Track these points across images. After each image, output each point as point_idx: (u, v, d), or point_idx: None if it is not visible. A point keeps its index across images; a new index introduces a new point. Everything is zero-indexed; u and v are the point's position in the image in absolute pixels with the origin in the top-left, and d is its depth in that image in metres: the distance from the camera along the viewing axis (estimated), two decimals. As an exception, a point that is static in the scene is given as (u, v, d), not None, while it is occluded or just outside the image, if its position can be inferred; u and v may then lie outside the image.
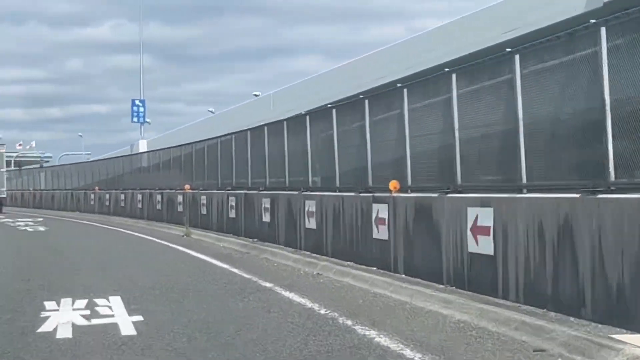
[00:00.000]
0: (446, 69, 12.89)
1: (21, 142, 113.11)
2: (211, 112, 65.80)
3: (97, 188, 46.14)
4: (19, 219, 42.26)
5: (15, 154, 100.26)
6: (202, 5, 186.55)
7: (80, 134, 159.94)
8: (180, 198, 31.53)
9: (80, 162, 54.45)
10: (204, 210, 28.61)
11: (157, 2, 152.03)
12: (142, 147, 58.08)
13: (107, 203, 43.82)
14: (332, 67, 44.20)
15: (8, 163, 64.18)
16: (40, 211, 53.18)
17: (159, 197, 34.62)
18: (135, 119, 63.58)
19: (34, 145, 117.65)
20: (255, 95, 56.89)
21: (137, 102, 63.30)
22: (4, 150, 49.95)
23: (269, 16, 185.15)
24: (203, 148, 29.76)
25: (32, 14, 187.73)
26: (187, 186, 30.73)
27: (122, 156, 46.68)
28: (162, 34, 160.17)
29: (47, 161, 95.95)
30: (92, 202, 46.68)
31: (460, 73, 12.42)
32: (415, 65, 34.08)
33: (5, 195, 49.92)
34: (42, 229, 33.56)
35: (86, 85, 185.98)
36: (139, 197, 37.74)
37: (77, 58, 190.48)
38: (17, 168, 72.81)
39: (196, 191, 29.88)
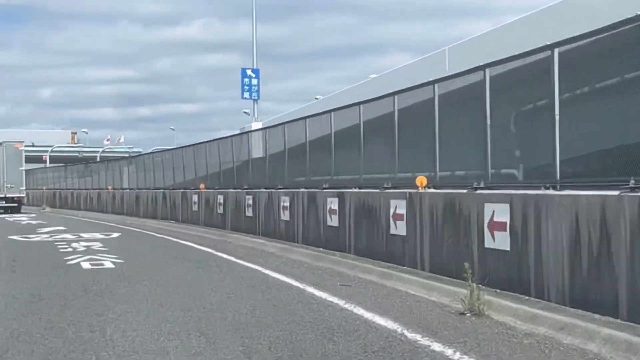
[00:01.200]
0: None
1: (109, 137, 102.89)
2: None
3: (202, 186, 30.04)
4: (82, 234, 26.74)
5: (101, 149, 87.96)
6: (292, 4, 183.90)
7: (172, 127, 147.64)
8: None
9: (176, 147, 38.48)
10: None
11: (248, 1, 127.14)
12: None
13: (221, 209, 27.75)
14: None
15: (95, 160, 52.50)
16: (120, 219, 37.79)
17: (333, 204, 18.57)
18: (246, 94, 47.50)
19: (122, 140, 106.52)
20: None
21: (248, 72, 47.21)
22: (22, 148, 46.46)
23: (357, 14, 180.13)
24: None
25: (123, 15, 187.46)
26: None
27: (239, 134, 30.25)
28: (251, 33, 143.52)
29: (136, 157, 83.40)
30: (194, 208, 30.69)
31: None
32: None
33: (23, 195, 46.72)
34: (112, 262, 17.63)
35: (176, 84, 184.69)
36: (288, 201, 21.50)
37: (167, 57, 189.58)
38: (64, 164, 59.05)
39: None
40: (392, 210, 14.56)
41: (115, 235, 27.07)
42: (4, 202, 45.20)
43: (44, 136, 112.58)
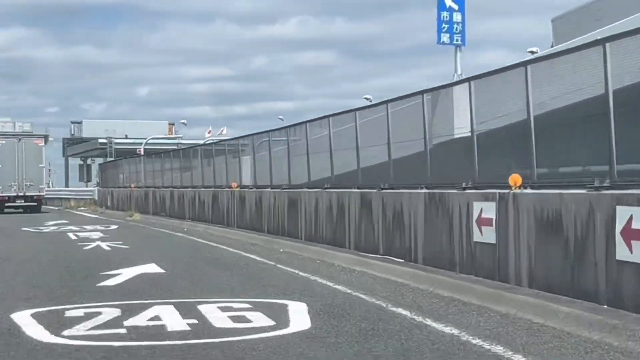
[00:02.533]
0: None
1: (210, 129, 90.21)
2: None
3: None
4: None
5: (202, 142, 73.17)
6: (387, 0, 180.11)
7: (280, 117, 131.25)
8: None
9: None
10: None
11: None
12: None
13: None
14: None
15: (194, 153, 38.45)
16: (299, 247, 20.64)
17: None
18: (445, 37, 30.01)
19: (224, 132, 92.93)
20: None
21: (449, 4, 29.63)
22: (42, 144, 45.28)
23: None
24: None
25: (219, 13, 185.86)
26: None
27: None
28: (347, 30, 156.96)
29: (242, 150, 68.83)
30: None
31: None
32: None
33: (43, 194, 44.51)
34: None
35: (271, 82, 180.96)
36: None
37: (263, 55, 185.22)
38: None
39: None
40: (475, 214, 12.58)
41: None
42: (22, 200, 43.34)
43: (139, 128, 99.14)
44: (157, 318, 10.09)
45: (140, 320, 9.99)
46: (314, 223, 19.94)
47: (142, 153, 63.56)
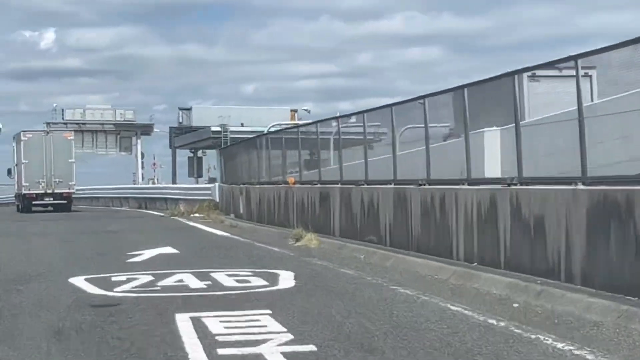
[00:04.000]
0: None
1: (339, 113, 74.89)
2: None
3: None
4: None
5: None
6: None
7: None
8: None
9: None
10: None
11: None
12: None
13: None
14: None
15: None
16: None
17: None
18: None
19: (353, 120, 77.56)
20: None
21: None
22: (72, 137, 43.66)
23: (565, 4, 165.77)
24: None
25: (324, 10, 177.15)
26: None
27: None
28: (453, 25, 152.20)
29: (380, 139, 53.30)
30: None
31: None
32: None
33: (73, 190, 42.06)
34: None
35: (376, 78, 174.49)
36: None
37: (368, 52, 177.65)
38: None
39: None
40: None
41: None
42: (51, 198, 41.09)
43: (256, 114, 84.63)
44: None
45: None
46: None
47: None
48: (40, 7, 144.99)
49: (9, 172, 47.62)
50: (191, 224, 25.33)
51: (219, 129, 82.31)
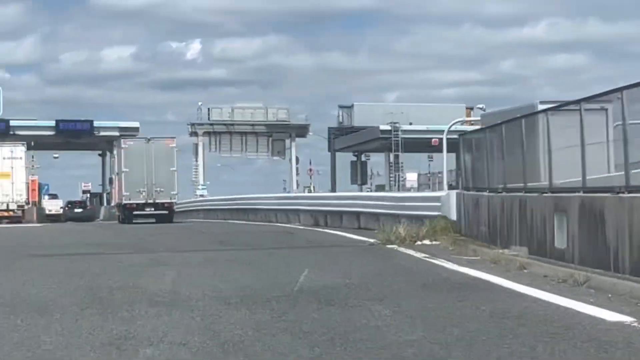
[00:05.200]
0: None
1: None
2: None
3: None
4: None
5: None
6: None
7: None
8: None
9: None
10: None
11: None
12: None
13: None
14: None
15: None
16: None
17: None
18: None
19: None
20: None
21: None
22: (173, 144, 40.81)
23: None
24: None
25: (468, 17, 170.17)
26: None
27: None
28: (600, 31, 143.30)
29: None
30: None
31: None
32: None
33: (175, 200, 40.44)
34: None
35: (520, 85, 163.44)
36: None
37: (511, 59, 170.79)
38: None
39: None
40: None
41: None
42: (152, 208, 39.22)
43: (427, 113, 73.06)
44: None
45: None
46: None
47: (438, 145, 43.08)
48: (186, 18, 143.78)
49: (110, 181, 46.75)
50: (459, 269, 12.58)
51: (388, 127, 70.82)
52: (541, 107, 17.74)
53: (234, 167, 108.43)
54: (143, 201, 38.98)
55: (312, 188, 79.84)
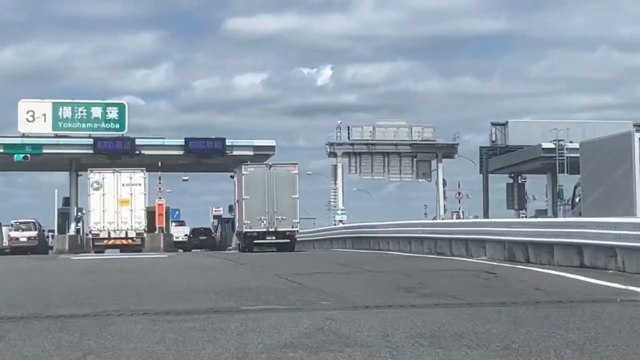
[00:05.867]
0: None
1: None
2: None
3: None
4: None
5: None
6: None
7: None
8: None
9: None
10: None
11: None
12: None
13: None
14: None
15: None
16: None
17: None
18: None
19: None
20: None
21: None
22: (296, 171, 39.49)
23: None
24: None
25: (603, 40, 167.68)
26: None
27: None
28: None
29: None
30: None
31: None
32: None
33: (297, 229, 39.30)
34: None
35: None
36: None
37: None
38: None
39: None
40: None
41: None
42: (273, 237, 38.37)
43: (591, 129, 64.84)
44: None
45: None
46: None
47: None
48: (317, 44, 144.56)
49: (230, 209, 46.38)
50: None
51: (551, 145, 63.08)
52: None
53: (370, 192, 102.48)
54: (264, 229, 37.98)
55: (460, 213, 72.86)
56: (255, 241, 38.02)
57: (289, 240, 38.17)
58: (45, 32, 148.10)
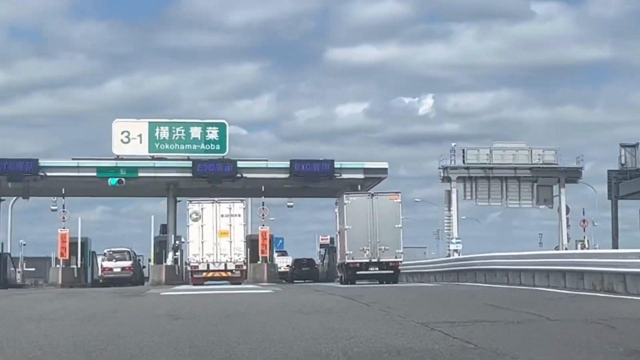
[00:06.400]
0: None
1: None
2: None
3: None
4: None
5: None
6: None
7: None
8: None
9: None
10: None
11: None
12: None
13: None
14: None
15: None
16: None
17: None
18: None
19: None
20: None
21: None
22: (399, 200, 38.79)
23: None
24: None
25: None
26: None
27: None
28: None
29: None
30: None
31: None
32: None
33: (400, 259, 38.24)
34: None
35: None
36: None
37: None
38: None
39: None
40: None
41: None
42: (376, 268, 37.46)
43: None
44: None
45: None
46: None
47: None
48: (418, 73, 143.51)
49: (331, 241, 45.69)
50: None
51: (695, 167, 57.26)
52: None
53: (478, 220, 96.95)
54: (367, 260, 37.09)
55: (586, 242, 67.05)
56: (358, 272, 36.99)
57: (392, 272, 37.27)
58: (150, 64, 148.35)
